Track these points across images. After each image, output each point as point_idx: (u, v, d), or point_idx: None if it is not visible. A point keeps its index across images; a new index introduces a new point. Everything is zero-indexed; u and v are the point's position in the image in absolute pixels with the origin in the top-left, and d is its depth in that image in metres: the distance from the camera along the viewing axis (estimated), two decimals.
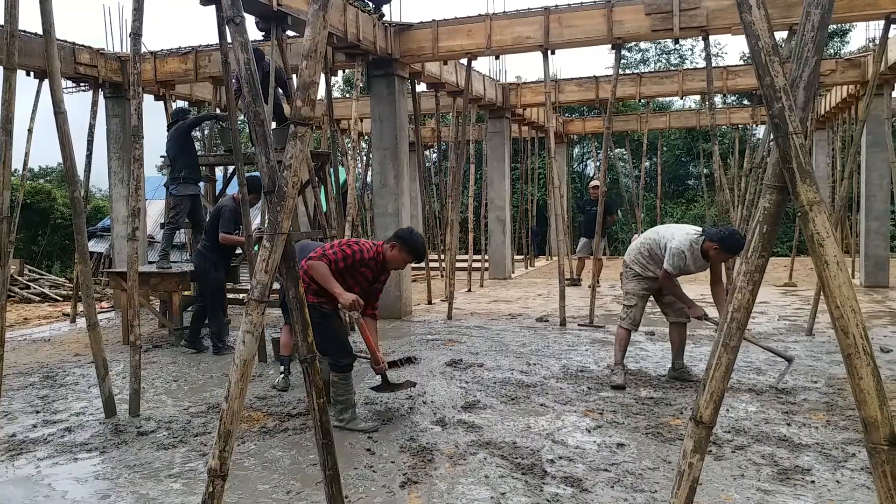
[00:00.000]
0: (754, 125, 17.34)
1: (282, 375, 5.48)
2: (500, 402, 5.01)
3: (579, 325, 8.29)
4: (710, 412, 2.12)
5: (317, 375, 2.74)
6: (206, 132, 11.03)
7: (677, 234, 5.30)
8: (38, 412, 5.01)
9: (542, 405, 4.93)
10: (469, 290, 11.83)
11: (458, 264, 11.36)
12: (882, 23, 7.49)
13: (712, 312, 5.62)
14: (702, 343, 7.02)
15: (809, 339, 7.11)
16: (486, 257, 13.67)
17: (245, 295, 6.73)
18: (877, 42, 8.51)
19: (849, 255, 13.09)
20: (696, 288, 11.54)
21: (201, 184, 8.33)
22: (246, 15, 4.01)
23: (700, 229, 5.31)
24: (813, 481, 3.52)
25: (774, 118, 1.97)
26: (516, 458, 3.89)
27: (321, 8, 2.50)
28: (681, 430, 4.29)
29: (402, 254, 4.38)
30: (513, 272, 14.34)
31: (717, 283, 5.43)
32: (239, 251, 7.22)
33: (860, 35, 31.11)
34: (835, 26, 20.26)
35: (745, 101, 20.42)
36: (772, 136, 2.02)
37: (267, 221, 2.61)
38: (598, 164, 17.80)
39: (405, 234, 4.45)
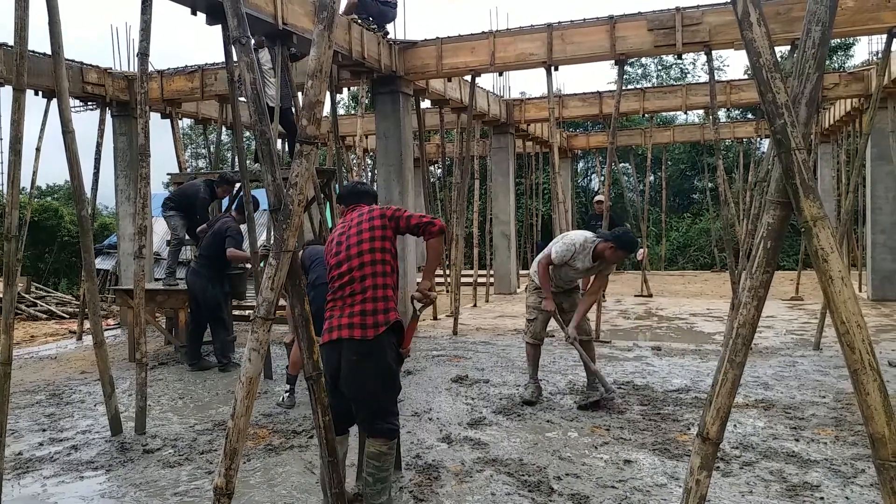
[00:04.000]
0: (759, 139, 17.37)
1: (287, 393, 5.48)
2: (507, 418, 4.99)
3: None
4: (717, 428, 2.11)
5: (322, 393, 2.74)
6: (212, 149, 11.10)
7: (575, 233, 5.37)
8: (44, 430, 5.02)
9: (548, 421, 4.91)
10: (474, 306, 11.82)
11: (464, 279, 11.36)
12: (885, 36, 7.51)
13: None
14: (709, 358, 6.99)
15: (817, 354, 7.06)
16: (492, 272, 13.66)
17: (251, 312, 6.73)
18: (880, 55, 8.53)
19: (856, 269, 13.03)
20: (701, 302, 11.53)
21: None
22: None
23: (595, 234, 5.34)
24: (822, 498, 3.49)
25: (777, 134, 1.98)
26: (523, 475, 3.87)
27: (326, 28, 2.53)
28: (688, 447, 4.27)
29: None
30: (518, 287, 14.32)
31: (590, 294, 5.44)
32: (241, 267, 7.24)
33: (863, 48, 31.21)
34: (838, 40, 20.29)
35: (750, 115, 20.45)
36: (774, 152, 2.02)
37: (273, 239, 2.63)
38: (602, 178, 17.84)
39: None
